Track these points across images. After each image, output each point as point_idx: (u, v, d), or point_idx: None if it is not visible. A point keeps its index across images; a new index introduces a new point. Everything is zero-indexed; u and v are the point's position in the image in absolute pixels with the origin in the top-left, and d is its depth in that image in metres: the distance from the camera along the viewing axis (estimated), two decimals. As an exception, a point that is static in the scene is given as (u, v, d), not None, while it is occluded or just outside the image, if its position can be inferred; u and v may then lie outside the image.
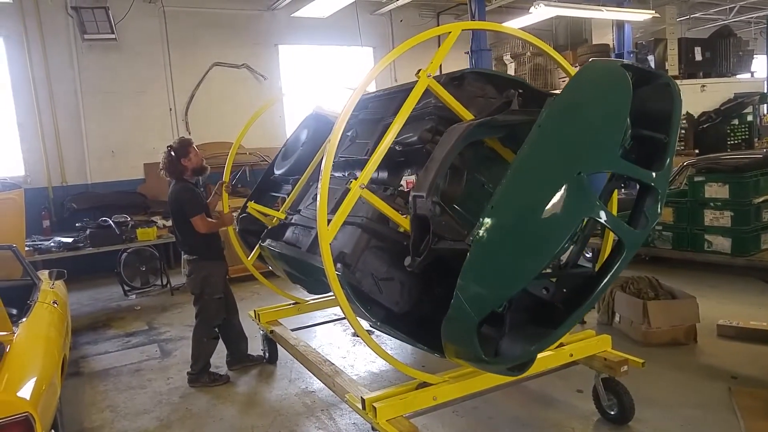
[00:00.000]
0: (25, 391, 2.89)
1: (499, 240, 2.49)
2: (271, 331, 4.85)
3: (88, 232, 7.82)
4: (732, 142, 11.18)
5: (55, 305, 4.44)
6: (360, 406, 3.16)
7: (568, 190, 2.43)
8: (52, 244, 7.68)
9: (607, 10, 10.59)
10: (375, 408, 3.02)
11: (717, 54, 12.02)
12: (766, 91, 12.51)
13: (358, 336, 3.78)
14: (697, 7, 14.45)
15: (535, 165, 2.56)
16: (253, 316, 5.13)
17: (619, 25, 11.56)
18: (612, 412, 3.65)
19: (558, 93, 2.98)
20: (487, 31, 9.50)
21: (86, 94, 9.63)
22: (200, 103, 10.57)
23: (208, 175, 5.03)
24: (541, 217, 2.45)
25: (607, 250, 3.56)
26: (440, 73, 3.60)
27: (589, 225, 3.03)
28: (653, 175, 2.58)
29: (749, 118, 11.44)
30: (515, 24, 10.49)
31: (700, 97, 11.47)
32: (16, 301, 4.33)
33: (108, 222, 8.00)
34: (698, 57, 11.79)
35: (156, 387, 4.84)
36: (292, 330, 4.84)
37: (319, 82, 11.56)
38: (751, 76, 12.97)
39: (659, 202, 2.58)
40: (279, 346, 4.91)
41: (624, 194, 5.46)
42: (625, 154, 2.69)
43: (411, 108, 3.04)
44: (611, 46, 12.08)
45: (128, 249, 7.95)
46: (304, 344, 4.42)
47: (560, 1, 9.82)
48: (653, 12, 11.15)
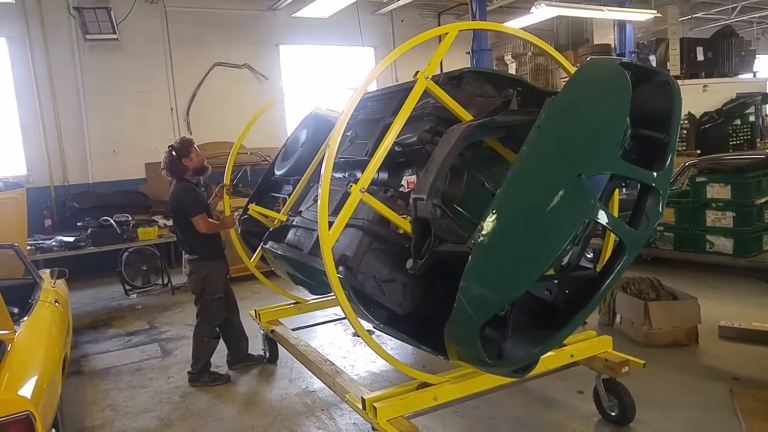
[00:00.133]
0: (26, 390, 2.90)
1: (500, 244, 2.48)
2: (272, 331, 4.85)
3: (89, 232, 7.83)
4: (734, 143, 11.17)
5: (57, 304, 4.45)
6: (360, 406, 3.16)
7: (569, 193, 2.42)
8: (54, 243, 7.68)
9: (609, 10, 10.56)
10: (375, 408, 3.02)
11: (719, 54, 11.99)
12: (768, 92, 12.50)
13: (358, 336, 3.78)
14: (699, 7, 14.42)
15: (534, 167, 2.55)
16: (254, 315, 5.13)
17: (621, 25, 11.53)
18: (613, 413, 3.64)
19: (557, 92, 2.97)
20: (487, 30, 9.53)
21: (88, 94, 9.64)
22: (201, 102, 10.58)
23: (209, 174, 5.04)
24: (542, 220, 2.44)
25: (608, 251, 3.56)
26: (441, 72, 3.59)
27: (590, 226, 3.02)
28: (654, 176, 2.56)
29: (751, 119, 11.43)
30: (516, 24, 10.47)
31: (702, 98, 11.44)
32: (17, 300, 4.32)
33: (109, 221, 8.01)
34: (700, 57, 11.76)
35: (156, 386, 4.84)
36: (293, 329, 4.84)
37: (320, 82, 11.55)
38: (754, 76, 12.94)
39: (660, 202, 2.57)
40: (279, 346, 4.91)
41: (625, 194, 5.46)
42: (625, 154, 2.67)
43: (410, 110, 3.03)
44: (613, 46, 12.06)
45: (129, 248, 7.97)
46: (304, 344, 4.42)
47: (561, 1, 9.81)
48: (655, 12, 11.12)
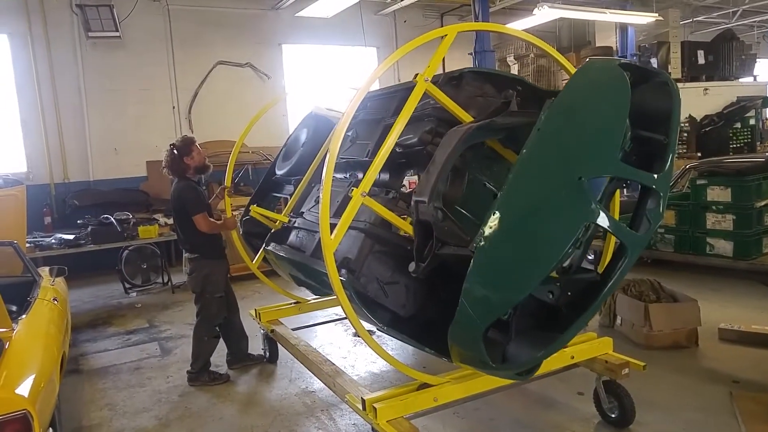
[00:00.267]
0: (24, 389, 2.88)
1: (502, 248, 2.48)
2: (272, 331, 4.84)
3: (89, 229, 7.83)
4: (734, 146, 11.21)
5: (55, 302, 4.43)
6: (360, 406, 3.16)
7: (570, 196, 2.41)
8: (53, 241, 7.67)
9: (611, 13, 10.58)
10: (375, 409, 3.01)
11: (720, 57, 12.02)
12: (768, 95, 12.53)
13: (358, 336, 3.77)
14: (700, 11, 14.43)
15: (534, 171, 2.54)
16: (254, 315, 5.12)
17: (623, 28, 11.56)
18: (613, 415, 3.63)
19: (557, 91, 2.97)
20: (487, 32, 9.53)
21: (90, 92, 9.64)
22: (203, 101, 10.58)
23: (211, 173, 5.04)
24: (543, 224, 2.43)
25: (609, 253, 3.55)
26: (442, 72, 3.59)
27: (591, 229, 3.02)
28: (654, 177, 2.56)
29: (752, 122, 11.47)
30: (519, 25, 10.48)
31: (702, 101, 11.47)
32: (16, 298, 4.32)
33: (110, 219, 8.01)
34: (701, 60, 11.79)
35: (155, 385, 4.83)
36: (293, 329, 4.83)
37: (323, 81, 11.56)
38: (754, 79, 12.98)
39: (661, 204, 2.56)
40: (279, 346, 4.90)
41: (626, 196, 5.46)
42: (626, 156, 2.67)
43: (410, 112, 3.02)
44: (615, 49, 12.09)
45: (130, 246, 7.96)
46: (304, 344, 4.41)
47: (564, 3, 9.82)
48: (656, 15, 11.15)
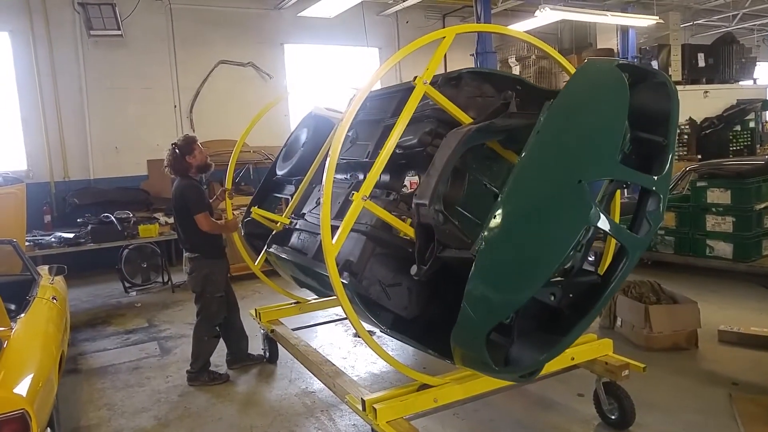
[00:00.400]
0: (22, 388, 2.88)
1: (503, 251, 2.48)
2: (272, 331, 4.84)
3: (89, 228, 7.83)
4: (734, 148, 11.24)
5: (54, 301, 4.43)
6: (360, 407, 3.15)
7: (570, 199, 2.41)
8: (53, 240, 7.67)
9: (612, 15, 10.61)
10: (375, 409, 3.01)
11: (720, 60, 12.05)
12: (768, 98, 12.55)
13: (359, 336, 3.78)
14: (701, 14, 14.45)
15: (534, 174, 2.54)
16: (254, 315, 5.12)
17: (624, 30, 11.58)
18: (613, 417, 3.63)
19: (556, 91, 2.96)
20: (488, 33, 9.55)
21: (91, 90, 9.64)
22: (205, 100, 10.58)
23: (212, 172, 5.04)
24: (544, 227, 2.43)
25: (610, 254, 3.55)
26: (444, 71, 3.59)
27: (592, 231, 3.02)
28: (654, 179, 2.56)
29: (751, 125, 11.50)
30: (520, 27, 10.50)
31: (702, 103, 11.50)
32: (14, 297, 4.31)
33: (110, 218, 8.01)
34: (701, 63, 11.83)
35: (155, 385, 4.82)
36: (293, 329, 4.83)
37: (325, 81, 11.57)
38: (754, 83, 13.01)
39: (661, 206, 2.56)
40: (279, 346, 4.90)
41: (627, 198, 5.46)
42: (625, 158, 2.67)
43: (410, 115, 3.01)
44: (616, 51, 12.10)
45: (130, 245, 7.96)
46: (304, 344, 4.41)
47: (565, 5, 9.84)
48: (657, 18, 11.17)
